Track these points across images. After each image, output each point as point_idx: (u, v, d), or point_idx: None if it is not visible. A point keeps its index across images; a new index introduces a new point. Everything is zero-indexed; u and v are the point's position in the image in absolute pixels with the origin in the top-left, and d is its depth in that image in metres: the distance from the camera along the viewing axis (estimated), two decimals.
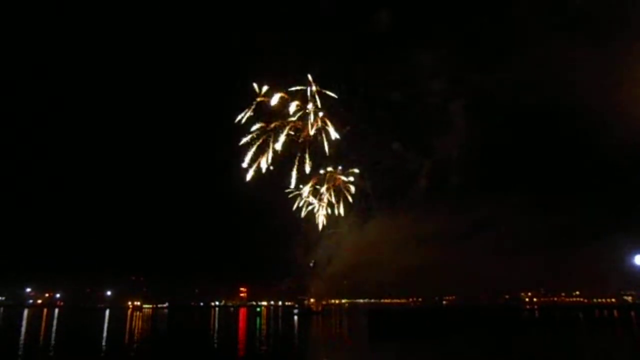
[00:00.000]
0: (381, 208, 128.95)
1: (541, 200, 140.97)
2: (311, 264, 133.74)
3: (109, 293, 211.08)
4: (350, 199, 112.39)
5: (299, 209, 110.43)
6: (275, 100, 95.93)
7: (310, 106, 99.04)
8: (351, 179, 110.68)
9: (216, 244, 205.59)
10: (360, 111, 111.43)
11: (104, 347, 44.05)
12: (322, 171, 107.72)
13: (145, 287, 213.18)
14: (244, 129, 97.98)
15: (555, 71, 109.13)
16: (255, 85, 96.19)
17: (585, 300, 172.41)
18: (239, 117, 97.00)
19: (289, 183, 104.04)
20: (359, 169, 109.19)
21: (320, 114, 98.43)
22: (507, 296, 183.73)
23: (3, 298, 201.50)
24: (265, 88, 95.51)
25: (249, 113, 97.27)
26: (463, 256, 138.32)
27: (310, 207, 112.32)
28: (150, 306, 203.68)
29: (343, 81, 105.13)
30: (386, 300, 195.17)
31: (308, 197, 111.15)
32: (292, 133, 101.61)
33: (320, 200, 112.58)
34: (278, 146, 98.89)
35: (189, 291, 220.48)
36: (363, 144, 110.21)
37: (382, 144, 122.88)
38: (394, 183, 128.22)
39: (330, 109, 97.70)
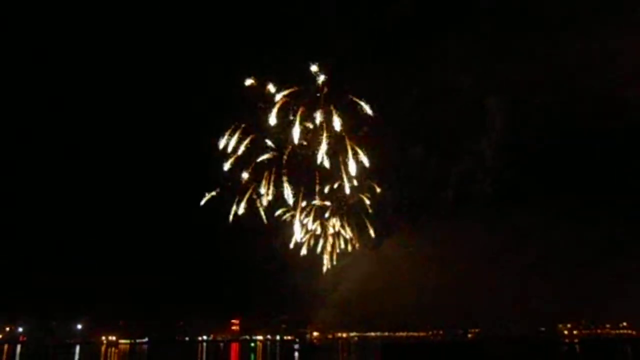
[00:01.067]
0: (399, 224, 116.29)
1: (581, 212, 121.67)
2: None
3: (79, 326, 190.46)
4: (372, 231, 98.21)
5: (299, 245, 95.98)
6: (273, 117, 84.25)
7: (318, 117, 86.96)
8: (367, 195, 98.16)
9: (204, 270, 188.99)
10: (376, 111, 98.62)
11: None
12: (327, 189, 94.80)
13: (121, 320, 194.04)
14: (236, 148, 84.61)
15: (599, 63, 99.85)
16: (253, 81, 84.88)
17: (634, 333, 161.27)
18: (224, 141, 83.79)
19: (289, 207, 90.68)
20: (374, 178, 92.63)
21: (337, 126, 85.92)
22: (542, 328, 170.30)
23: None
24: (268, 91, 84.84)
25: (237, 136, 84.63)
26: (491, 281, 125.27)
27: (309, 234, 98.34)
28: (128, 341, 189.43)
29: (357, 77, 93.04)
30: (402, 334, 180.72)
31: (313, 229, 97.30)
32: (304, 143, 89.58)
33: (326, 231, 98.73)
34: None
35: (172, 324, 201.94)
36: (380, 149, 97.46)
37: (401, 149, 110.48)
38: (415, 194, 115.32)
39: (346, 111, 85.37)
